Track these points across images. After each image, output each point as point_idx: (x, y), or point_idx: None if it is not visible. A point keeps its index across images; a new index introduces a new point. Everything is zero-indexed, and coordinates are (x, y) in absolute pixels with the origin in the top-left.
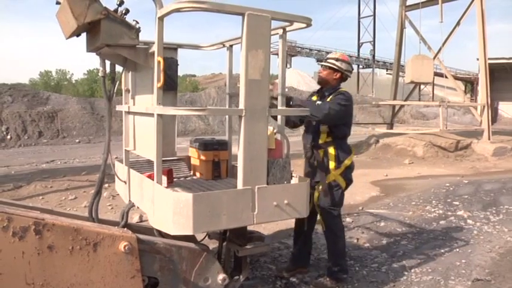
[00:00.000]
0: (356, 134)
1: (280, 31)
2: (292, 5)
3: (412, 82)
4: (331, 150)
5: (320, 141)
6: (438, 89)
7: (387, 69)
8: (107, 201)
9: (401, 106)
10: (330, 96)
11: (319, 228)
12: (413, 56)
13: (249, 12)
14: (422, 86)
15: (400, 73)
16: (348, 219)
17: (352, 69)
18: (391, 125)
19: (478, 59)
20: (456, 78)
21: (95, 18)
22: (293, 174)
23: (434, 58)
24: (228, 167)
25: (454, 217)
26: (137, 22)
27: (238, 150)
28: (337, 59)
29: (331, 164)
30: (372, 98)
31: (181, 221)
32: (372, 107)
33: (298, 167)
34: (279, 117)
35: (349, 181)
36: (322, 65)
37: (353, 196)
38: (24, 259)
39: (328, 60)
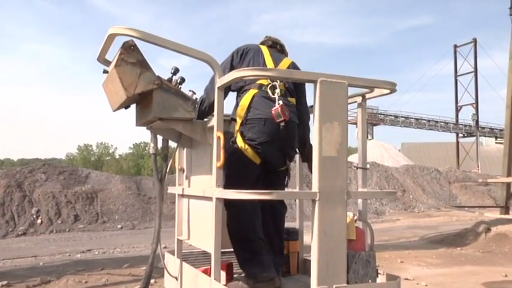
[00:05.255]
0: (459, 220)
1: (359, 99)
2: (375, 64)
3: None
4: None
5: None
6: None
7: (496, 138)
8: None
9: None
10: None
11: None
12: None
13: (322, 79)
14: None
15: None
16: None
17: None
18: (506, 209)
19: None
20: None
21: (147, 88)
22: (379, 271)
23: None
24: (299, 261)
25: None
26: (194, 93)
27: (311, 240)
28: None
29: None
30: (478, 174)
31: None
32: (478, 186)
33: (384, 262)
34: (359, 201)
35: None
36: None
37: None
38: None
39: None
